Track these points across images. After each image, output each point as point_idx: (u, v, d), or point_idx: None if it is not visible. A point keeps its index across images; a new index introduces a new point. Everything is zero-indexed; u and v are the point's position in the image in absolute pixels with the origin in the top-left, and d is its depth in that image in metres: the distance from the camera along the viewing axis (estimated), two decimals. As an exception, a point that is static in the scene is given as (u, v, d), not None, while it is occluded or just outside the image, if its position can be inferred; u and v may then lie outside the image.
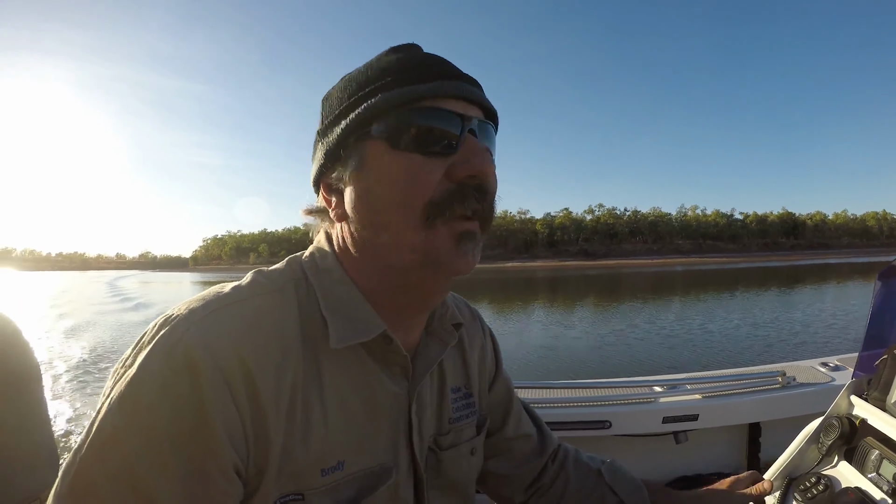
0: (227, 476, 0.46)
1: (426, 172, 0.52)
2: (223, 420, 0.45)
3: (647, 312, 15.81)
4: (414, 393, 0.62)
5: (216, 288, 0.55)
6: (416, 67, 0.54)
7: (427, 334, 0.66)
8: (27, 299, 27.18)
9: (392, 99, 0.52)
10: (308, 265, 0.60)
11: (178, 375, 0.45)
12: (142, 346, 0.48)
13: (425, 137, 0.52)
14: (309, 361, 0.53)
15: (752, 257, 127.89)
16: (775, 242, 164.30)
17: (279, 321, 0.52)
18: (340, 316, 0.55)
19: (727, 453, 2.14)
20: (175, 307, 0.52)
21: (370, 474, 0.57)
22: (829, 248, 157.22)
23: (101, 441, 0.44)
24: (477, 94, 0.55)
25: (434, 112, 0.52)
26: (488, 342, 0.82)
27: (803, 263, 69.62)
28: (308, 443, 0.52)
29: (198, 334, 0.47)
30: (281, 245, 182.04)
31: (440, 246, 0.52)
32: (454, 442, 0.69)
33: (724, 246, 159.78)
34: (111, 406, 0.45)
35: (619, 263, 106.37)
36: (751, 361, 7.97)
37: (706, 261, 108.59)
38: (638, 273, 55.91)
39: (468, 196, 0.52)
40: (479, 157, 0.53)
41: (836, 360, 2.29)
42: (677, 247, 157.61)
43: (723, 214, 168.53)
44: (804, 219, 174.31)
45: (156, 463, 0.43)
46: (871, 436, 0.96)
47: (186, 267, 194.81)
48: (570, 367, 8.06)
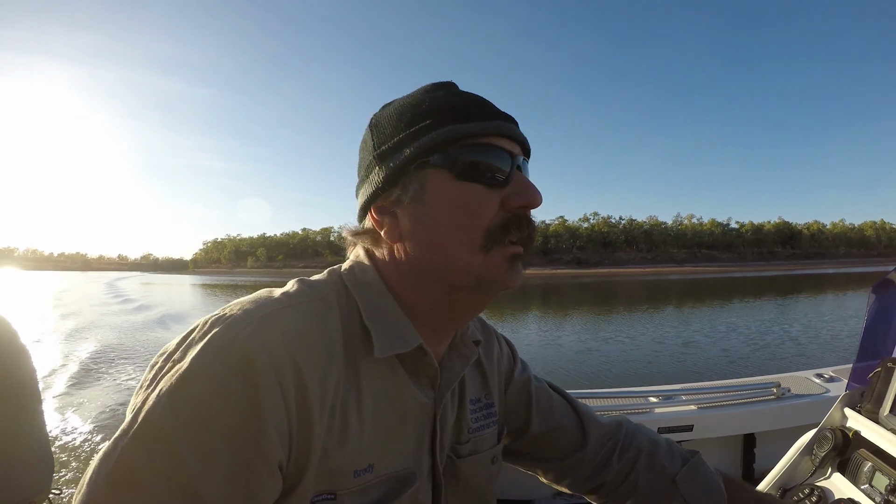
0: (272, 472, 0.48)
1: (486, 202, 0.57)
2: (275, 417, 0.47)
3: (632, 322, 15.78)
4: (440, 404, 0.66)
5: (265, 292, 0.58)
6: (466, 105, 0.60)
7: (450, 349, 0.69)
8: (24, 299, 27.08)
9: (452, 133, 0.57)
10: (348, 277, 0.63)
11: (232, 373, 0.46)
12: (191, 342, 0.50)
13: (484, 170, 0.57)
14: (350, 367, 0.56)
15: (747, 267, 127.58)
16: (771, 252, 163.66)
17: (325, 328, 0.56)
18: (381, 327, 0.59)
19: (722, 464, 2.13)
20: (227, 307, 0.54)
21: (396, 478, 0.60)
22: (826, 258, 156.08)
23: (148, 433, 0.45)
24: (520, 134, 0.62)
25: (489, 148, 0.58)
26: (504, 349, 0.85)
27: (798, 273, 69.52)
28: (344, 444, 0.54)
29: (254, 334, 0.49)
30: (279, 249, 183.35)
31: (495, 268, 0.58)
32: (473, 451, 0.73)
33: (720, 255, 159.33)
34: (160, 398, 0.46)
35: (611, 272, 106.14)
36: (746, 372, 7.97)
37: (699, 270, 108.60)
38: (629, 282, 55.79)
39: (521, 225, 0.59)
40: (530, 189, 0.59)
41: (831, 372, 2.29)
42: (672, 256, 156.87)
43: (719, 224, 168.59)
44: (801, 228, 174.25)
45: (203, 458, 0.45)
46: (863, 448, 0.97)
47: (186, 269, 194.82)
48: (564, 378, 8.03)
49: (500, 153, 0.58)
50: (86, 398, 6.46)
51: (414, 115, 0.60)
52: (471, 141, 0.57)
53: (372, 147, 0.62)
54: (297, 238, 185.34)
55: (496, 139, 0.59)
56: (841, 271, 72.44)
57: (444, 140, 0.57)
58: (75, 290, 38.57)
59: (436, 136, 0.57)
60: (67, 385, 7.18)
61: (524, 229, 0.59)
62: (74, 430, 5.19)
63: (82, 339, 11.63)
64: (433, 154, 0.57)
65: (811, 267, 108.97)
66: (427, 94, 0.62)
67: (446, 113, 0.59)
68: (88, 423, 5.41)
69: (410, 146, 0.58)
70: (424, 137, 0.58)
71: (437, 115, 0.59)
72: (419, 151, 0.58)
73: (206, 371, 0.47)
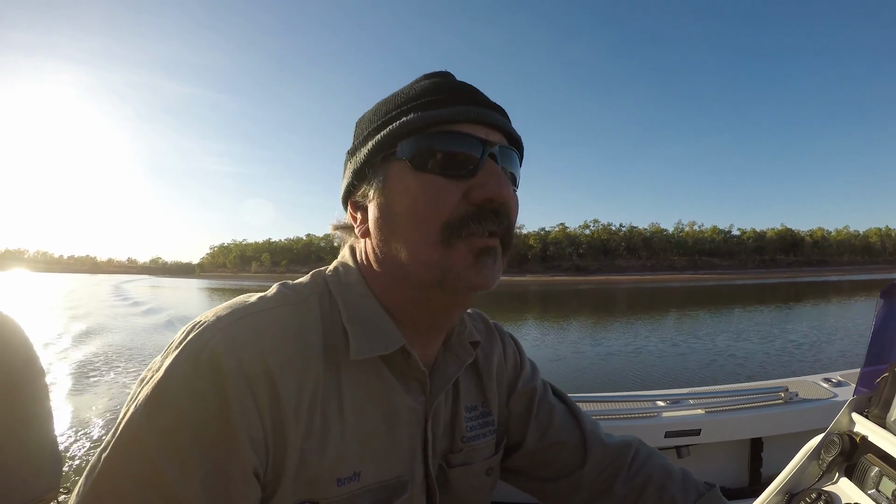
0: (247, 479, 0.47)
1: (445, 193, 0.53)
2: (245, 423, 0.47)
3: (622, 330, 15.60)
4: (431, 408, 0.63)
5: (242, 297, 0.56)
6: (441, 93, 0.56)
7: (444, 351, 0.66)
8: (30, 300, 27.37)
9: (415, 122, 0.54)
10: (332, 279, 0.61)
11: (203, 379, 0.46)
12: (169, 351, 0.50)
13: (446, 160, 0.54)
14: (330, 371, 0.54)
15: (747, 274, 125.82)
16: (773, 259, 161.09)
17: (302, 331, 0.54)
18: (361, 328, 0.56)
19: (729, 468, 2.12)
20: (203, 314, 0.53)
21: (386, 487, 0.57)
22: (829, 265, 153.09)
23: (126, 442, 0.46)
24: (499, 120, 0.57)
25: (455, 136, 0.54)
26: (510, 352, 0.81)
27: (799, 281, 68.61)
28: (325, 450, 0.52)
29: (223, 340, 0.48)
30: (283, 255, 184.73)
31: (458, 262, 0.53)
32: (466, 460, 0.69)
33: (720, 263, 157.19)
34: (137, 408, 0.46)
35: (609, 279, 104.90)
36: (753, 376, 7.89)
37: (698, 277, 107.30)
38: (624, 289, 55.31)
39: (485, 218, 0.54)
40: (495, 180, 0.54)
41: (839, 376, 2.28)
42: (672, 263, 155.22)
43: (720, 231, 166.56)
44: (804, 235, 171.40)
45: (179, 464, 0.44)
46: (871, 453, 0.97)
47: (193, 273, 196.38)
48: (571, 382, 8.00)
49: (466, 140, 0.54)
50: (92, 397, 6.50)
51: (387, 107, 0.58)
52: (434, 129, 0.54)
53: (351, 142, 0.62)
54: (300, 243, 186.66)
55: (465, 126, 0.54)
56: (844, 279, 71.34)
57: (408, 129, 0.54)
58: (80, 292, 39.09)
59: (398, 127, 0.55)
60: (73, 384, 7.23)
61: (488, 224, 0.54)
62: (85, 428, 5.23)
63: (86, 341, 11.73)
64: (396, 145, 0.55)
65: (813, 274, 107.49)
66: (410, 86, 0.60)
67: (416, 101, 0.56)
68: (99, 421, 5.45)
69: (374, 138, 0.57)
70: (388, 128, 0.56)
71: (406, 104, 0.57)
72: (382, 143, 0.56)
73: (178, 378, 0.46)
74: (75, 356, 9.61)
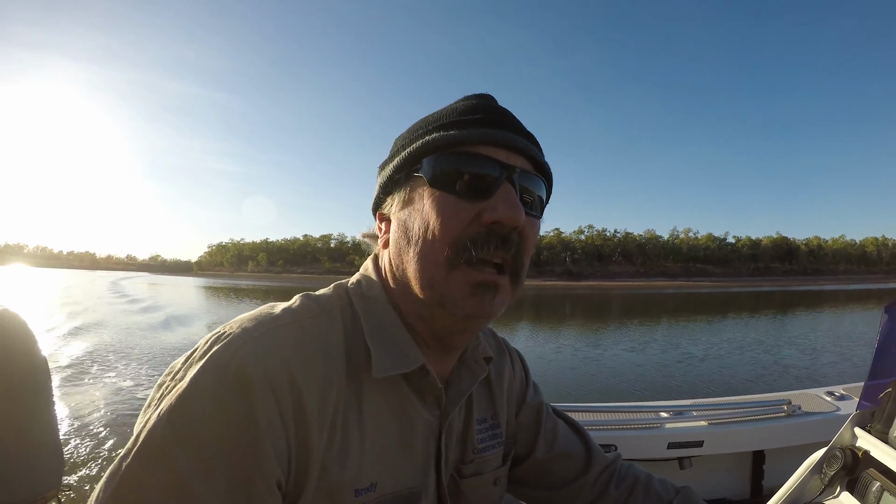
0: (271, 489, 0.48)
1: (456, 213, 0.54)
2: (271, 435, 0.48)
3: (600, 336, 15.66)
4: (446, 422, 0.65)
5: (266, 308, 0.57)
6: (471, 114, 0.58)
7: (459, 365, 0.68)
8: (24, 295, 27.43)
9: (438, 141, 0.56)
10: (354, 291, 0.63)
11: (230, 391, 0.47)
12: (192, 361, 0.51)
13: (462, 180, 0.55)
14: (351, 385, 0.56)
15: (741, 282, 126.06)
16: (767, 267, 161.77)
17: (326, 344, 0.55)
18: (382, 345, 0.58)
19: (731, 480, 2.13)
20: (227, 325, 0.54)
21: (400, 498, 0.59)
22: (825, 275, 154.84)
23: (150, 451, 0.46)
24: (523, 144, 0.57)
25: (474, 157, 0.55)
26: (517, 367, 0.85)
27: (793, 290, 68.42)
28: (344, 462, 0.54)
29: (251, 352, 0.49)
30: (279, 255, 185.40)
31: (455, 290, 0.55)
32: (477, 471, 0.72)
33: (714, 270, 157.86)
34: (161, 418, 0.47)
35: (600, 285, 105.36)
36: (755, 389, 7.87)
37: (690, 284, 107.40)
38: (619, 294, 55.64)
39: (491, 242, 0.54)
40: (507, 205, 0.54)
41: (842, 390, 2.28)
42: (665, 269, 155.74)
43: (715, 238, 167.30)
44: (799, 244, 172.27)
45: (204, 474, 0.45)
46: (873, 467, 0.97)
47: (191, 272, 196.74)
48: (574, 391, 7.99)
49: (485, 163, 0.55)
50: (91, 396, 6.52)
51: (419, 125, 0.61)
52: (455, 149, 0.56)
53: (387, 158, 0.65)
54: (297, 244, 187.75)
55: (484, 148, 0.56)
56: (840, 288, 71.64)
57: (429, 148, 0.57)
58: (76, 287, 39.44)
59: (421, 145, 0.57)
60: (71, 382, 7.25)
61: (494, 247, 0.54)
62: (86, 427, 5.26)
63: (79, 336, 11.80)
64: (419, 162, 0.57)
65: (808, 283, 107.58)
66: (449, 105, 0.62)
67: (442, 121, 0.58)
68: (101, 420, 5.49)
69: (401, 154, 0.60)
70: (413, 146, 0.59)
71: (433, 123, 0.59)
72: (406, 160, 0.58)
73: (204, 389, 0.47)
74: (70, 352, 9.63)
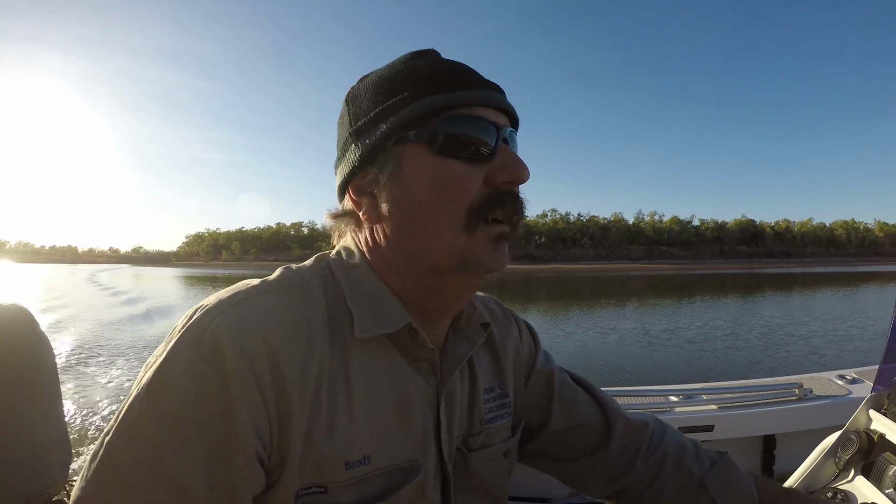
0: (249, 462, 0.48)
1: (467, 178, 0.55)
2: (247, 406, 0.48)
3: None
4: (443, 390, 0.64)
5: (246, 281, 0.57)
6: (447, 74, 0.58)
7: (454, 332, 0.68)
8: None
9: (432, 105, 0.55)
10: (335, 262, 0.62)
11: (204, 361, 0.47)
12: (172, 336, 0.51)
13: (466, 144, 0.55)
14: (336, 352, 0.55)
15: (703, 265, 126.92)
16: (732, 250, 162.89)
17: (306, 312, 0.55)
18: (365, 307, 0.58)
19: (742, 465, 2.15)
20: (207, 299, 0.54)
21: (397, 471, 0.58)
22: (792, 257, 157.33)
23: (128, 426, 0.47)
24: (506, 103, 0.60)
25: (472, 120, 0.56)
26: (525, 336, 0.84)
27: (758, 272, 68.87)
28: (332, 433, 0.53)
29: (225, 321, 0.50)
30: (252, 243, 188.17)
31: (478, 249, 0.56)
32: (485, 443, 0.71)
33: (677, 253, 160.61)
34: (139, 392, 0.48)
35: (559, 268, 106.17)
36: (766, 372, 7.99)
37: (648, 267, 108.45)
38: (578, 277, 56.57)
39: (506, 201, 0.57)
40: (516, 163, 0.57)
41: (854, 373, 2.32)
42: (627, 252, 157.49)
43: (679, 221, 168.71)
44: (765, 226, 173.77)
45: (181, 447, 0.46)
46: (889, 451, 0.99)
47: (170, 262, 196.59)
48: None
49: (484, 125, 0.56)
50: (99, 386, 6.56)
51: (392, 87, 0.58)
52: (452, 113, 0.55)
53: (349, 122, 0.61)
54: (269, 232, 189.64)
55: (480, 110, 0.56)
56: (808, 270, 72.35)
57: (423, 113, 0.55)
58: (52, 280, 39.38)
59: (414, 109, 0.55)
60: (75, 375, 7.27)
61: (509, 206, 0.57)
62: (93, 419, 5.27)
63: (64, 329, 11.80)
64: (411, 128, 0.56)
65: (773, 266, 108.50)
66: (406, 64, 0.60)
67: (426, 83, 0.57)
68: (107, 411, 5.50)
69: (387, 120, 0.57)
70: (402, 111, 0.56)
71: (416, 85, 0.57)
72: (396, 126, 0.56)
73: (180, 362, 0.48)
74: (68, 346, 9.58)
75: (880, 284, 35.47)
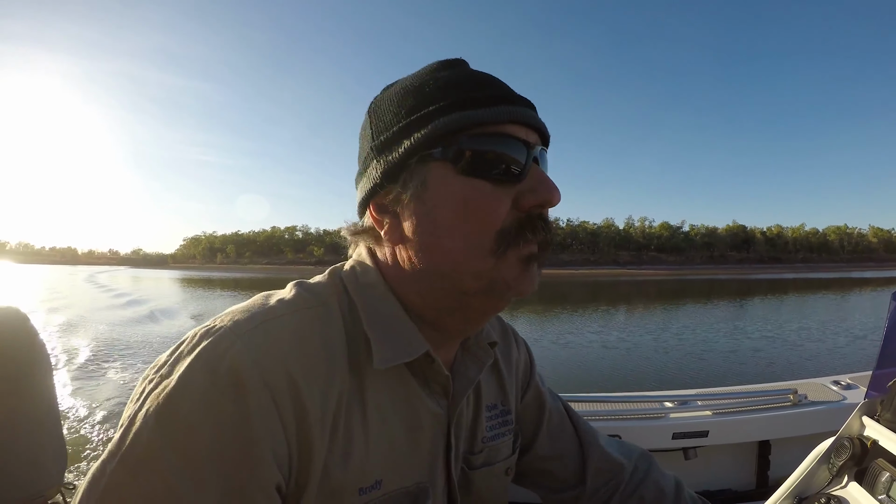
0: (269, 495, 0.46)
1: (496, 201, 0.53)
2: (269, 440, 0.46)
3: None
4: (454, 413, 0.63)
5: (259, 298, 0.55)
6: (475, 88, 0.54)
7: (463, 352, 0.67)
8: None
9: (459, 121, 0.52)
10: (349, 279, 0.60)
11: (222, 392, 0.45)
12: (180, 355, 0.48)
13: (494, 164, 0.52)
14: (354, 379, 0.54)
15: (693, 270, 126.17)
16: (722, 256, 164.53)
17: (326, 337, 0.53)
18: (383, 334, 0.56)
19: (736, 471, 2.18)
20: (218, 317, 0.52)
21: (407, 494, 0.58)
22: (782, 263, 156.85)
23: (136, 456, 0.44)
24: (538, 120, 0.56)
25: (502, 138, 0.53)
26: (522, 351, 0.84)
27: (748, 278, 68.45)
28: (348, 461, 0.52)
29: (244, 349, 0.47)
30: (247, 246, 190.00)
31: (508, 272, 0.54)
32: (487, 461, 0.71)
33: (667, 258, 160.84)
34: (147, 419, 0.44)
35: (548, 273, 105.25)
36: (761, 378, 8.03)
37: (637, 273, 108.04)
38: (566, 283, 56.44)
39: (536, 227, 0.54)
40: (546, 186, 0.54)
41: (849, 379, 2.34)
42: (616, 258, 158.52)
43: (669, 226, 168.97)
44: (756, 232, 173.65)
45: (195, 482, 0.43)
46: (882, 458, 1.00)
47: (167, 265, 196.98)
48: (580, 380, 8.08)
49: (514, 144, 0.53)
50: (94, 388, 6.47)
51: (417, 101, 0.55)
52: (480, 130, 0.52)
53: (370, 136, 0.58)
54: (264, 235, 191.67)
55: (510, 127, 0.53)
56: (799, 276, 72.14)
57: (449, 129, 0.52)
58: (52, 280, 39.43)
59: (439, 126, 0.52)
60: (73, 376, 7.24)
61: (540, 232, 0.55)
62: (88, 422, 5.20)
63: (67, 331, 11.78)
64: (436, 146, 0.53)
65: (763, 272, 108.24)
66: (432, 75, 0.57)
67: (453, 97, 0.54)
68: (102, 415, 5.42)
69: (411, 137, 0.54)
70: (427, 127, 0.53)
71: (442, 99, 0.54)
72: (420, 143, 0.53)
73: (194, 389, 0.45)
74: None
75: (873, 289, 35.56)
